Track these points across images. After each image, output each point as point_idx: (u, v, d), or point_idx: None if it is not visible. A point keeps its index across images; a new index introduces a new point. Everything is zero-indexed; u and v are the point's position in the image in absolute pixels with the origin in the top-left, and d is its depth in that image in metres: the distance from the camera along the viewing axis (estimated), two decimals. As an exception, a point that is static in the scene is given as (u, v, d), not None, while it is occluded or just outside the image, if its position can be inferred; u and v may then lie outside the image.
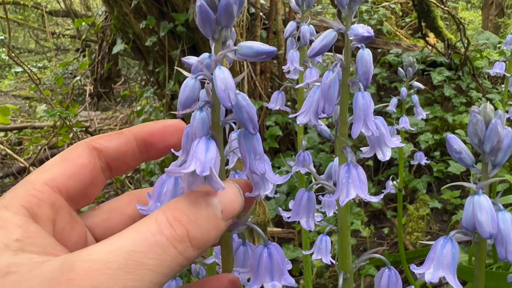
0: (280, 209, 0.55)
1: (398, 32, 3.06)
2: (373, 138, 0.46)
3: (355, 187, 0.43)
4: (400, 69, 1.33)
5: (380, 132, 0.45)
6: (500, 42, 2.76)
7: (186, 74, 0.35)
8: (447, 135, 0.43)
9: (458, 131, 2.17)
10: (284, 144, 2.41)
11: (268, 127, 2.21)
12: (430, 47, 2.57)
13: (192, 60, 0.55)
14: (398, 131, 1.32)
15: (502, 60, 1.42)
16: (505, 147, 0.41)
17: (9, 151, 2.63)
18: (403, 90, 1.31)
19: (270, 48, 0.35)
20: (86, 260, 0.28)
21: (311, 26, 0.90)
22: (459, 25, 2.33)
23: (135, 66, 4.23)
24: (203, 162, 0.31)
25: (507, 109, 1.48)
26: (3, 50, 6.04)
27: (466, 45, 2.31)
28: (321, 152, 2.25)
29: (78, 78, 3.02)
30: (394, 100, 1.34)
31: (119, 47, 2.55)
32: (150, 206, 0.38)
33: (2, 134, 3.46)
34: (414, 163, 1.48)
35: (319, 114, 0.44)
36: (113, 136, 0.40)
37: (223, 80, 0.32)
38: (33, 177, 0.35)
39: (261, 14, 2.35)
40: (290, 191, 1.99)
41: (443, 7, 2.30)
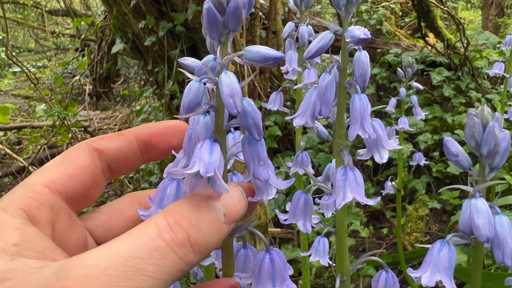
0: (277, 211, 0.55)
1: (397, 32, 3.06)
2: (370, 141, 0.46)
3: (351, 190, 0.42)
4: (399, 69, 1.32)
5: (377, 134, 0.45)
6: (499, 42, 2.76)
7: (190, 76, 0.34)
8: (444, 138, 0.43)
9: (457, 132, 2.17)
10: (283, 144, 2.41)
11: (267, 127, 2.21)
12: (430, 47, 2.57)
13: (188, 61, 0.55)
14: (397, 132, 1.32)
15: (501, 60, 1.42)
16: (502, 150, 0.41)
17: (8, 151, 2.63)
18: (402, 90, 1.30)
19: (278, 54, 0.34)
20: (83, 266, 0.28)
21: (310, 26, 0.90)
22: (458, 25, 2.33)
23: (134, 66, 4.22)
24: (207, 163, 0.31)
25: (506, 109, 1.48)
26: (2, 49, 6.03)
27: (465, 45, 2.31)
28: (320, 152, 2.25)
29: (78, 78, 3.02)
30: (393, 100, 1.34)
31: (118, 46, 2.55)
32: (151, 211, 0.37)
33: (1, 133, 3.46)
34: (413, 163, 1.48)
35: (315, 116, 0.44)
36: (113, 137, 0.40)
37: (229, 85, 0.32)
38: (32, 179, 0.35)
39: (260, 14, 2.35)
40: (289, 191, 1.99)
41: (442, 7, 2.30)
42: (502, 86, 1.47)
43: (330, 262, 0.69)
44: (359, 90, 0.43)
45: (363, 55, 0.42)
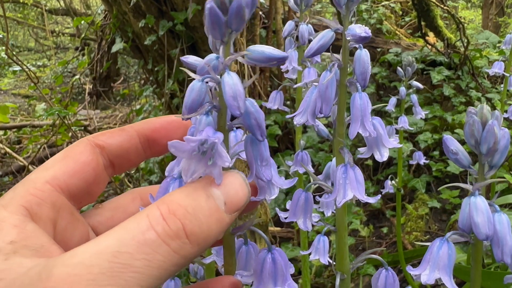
0: (277, 209, 0.55)
1: (397, 31, 3.06)
2: (370, 139, 0.46)
3: (352, 188, 0.42)
4: (399, 68, 1.33)
5: (378, 132, 0.45)
6: (499, 42, 2.76)
7: (192, 75, 0.34)
8: (444, 136, 0.43)
9: (457, 131, 2.17)
10: (283, 143, 2.41)
11: (267, 126, 2.21)
12: (430, 47, 2.57)
13: (191, 59, 0.55)
14: (397, 131, 1.32)
15: (501, 59, 1.42)
16: (501, 148, 0.41)
17: (8, 150, 2.63)
18: (402, 89, 1.30)
19: (281, 54, 0.33)
20: (67, 265, 0.26)
21: (310, 25, 0.90)
22: (458, 24, 2.33)
23: (135, 65, 4.22)
24: (211, 133, 0.30)
25: (506, 108, 1.48)
26: (2, 48, 6.03)
27: (465, 44, 2.31)
28: (320, 151, 2.25)
29: (78, 77, 3.02)
30: (393, 99, 1.34)
31: (118, 46, 2.55)
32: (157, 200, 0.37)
33: (1, 132, 3.46)
34: (413, 162, 1.48)
35: (316, 114, 0.44)
36: (115, 133, 0.39)
37: (232, 86, 0.31)
38: (34, 175, 0.35)
39: (260, 13, 2.35)
40: (289, 191, 1.99)
41: (442, 7, 2.30)
42: (502, 85, 1.48)
43: (330, 261, 0.70)
44: (360, 88, 0.43)
45: (363, 54, 0.42)
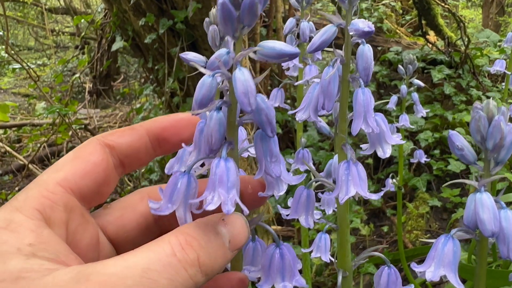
0: (279, 206, 0.54)
1: (398, 30, 3.05)
2: (373, 135, 0.45)
3: (354, 184, 0.42)
4: (400, 66, 1.32)
5: (381, 129, 0.44)
6: (500, 40, 2.75)
7: (202, 71, 0.33)
8: (449, 132, 0.43)
9: (458, 129, 2.16)
10: (284, 142, 2.41)
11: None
12: (430, 45, 2.57)
13: (190, 56, 0.54)
14: (398, 129, 1.32)
15: (503, 58, 1.42)
16: (508, 144, 0.41)
17: (8, 149, 2.63)
18: (403, 87, 1.30)
19: (293, 50, 0.33)
20: (102, 273, 0.28)
21: (311, 23, 0.89)
22: (459, 23, 2.32)
23: (135, 64, 4.22)
24: (226, 199, 0.32)
25: (508, 106, 1.47)
26: (2, 47, 6.03)
27: (466, 43, 2.30)
28: (320, 150, 2.24)
29: (78, 76, 3.01)
30: (394, 98, 1.33)
31: (118, 44, 2.54)
32: (162, 205, 0.37)
33: (1, 131, 3.45)
34: (413, 161, 1.48)
35: (318, 110, 0.44)
36: (125, 132, 0.39)
37: (243, 82, 0.31)
38: (45, 176, 0.35)
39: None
40: (289, 189, 1.99)
41: (443, 5, 2.29)
42: (503, 84, 1.47)
43: (332, 259, 0.69)
44: (363, 84, 0.42)
45: (366, 49, 0.41)
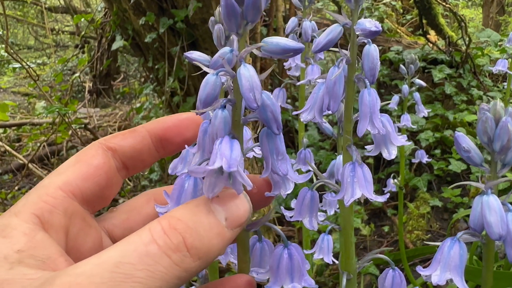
0: (282, 208, 0.54)
1: (398, 30, 3.05)
2: (378, 136, 0.45)
3: (360, 186, 0.42)
4: (402, 66, 1.32)
5: (386, 130, 0.44)
6: (501, 40, 2.75)
7: (206, 69, 0.33)
8: (455, 133, 0.42)
9: (459, 129, 2.16)
10: (284, 141, 2.40)
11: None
12: (431, 45, 2.56)
13: (195, 55, 0.54)
14: (399, 129, 1.31)
15: (505, 57, 1.41)
16: (515, 146, 0.40)
17: (8, 148, 2.62)
18: (405, 87, 1.30)
19: (298, 45, 0.33)
20: (69, 275, 0.27)
21: (313, 22, 0.89)
22: (460, 22, 2.32)
23: (135, 63, 4.21)
24: (229, 159, 0.30)
25: (510, 106, 1.47)
26: (2, 46, 6.02)
27: (467, 42, 2.30)
28: (321, 150, 2.24)
29: (77, 75, 3.01)
30: (396, 97, 1.33)
31: (118, 43, 2.53)
32: (169, 208, 0.36)
33: (1, 130, 3.44)
34: (415, 161, 1.47)
35: (324, 111, 0.43)
36: (127, 135, 0.39)
37: (248, 79, 0.31)
38: (47, 181, 0.35)
39: (261, 10, 2.33)
40: (290, 189, 1.98)
41: (444, 5, 2.29)
42: (504, 84, 1.47)
43: (335, 260, 0.69)
44: (368, 84, 0.42)
45: (372, 49, 0.41)
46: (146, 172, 2.49)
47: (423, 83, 1.32)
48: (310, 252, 0.73)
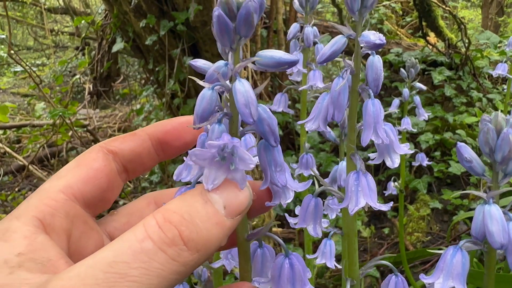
0: (286, 215, 0.54)
1: (398, 31, 3.06)
2: (382, 145, 0.46)
3: (364, 195, 0.42)
4: (402, 70, 1.32)
5: (389, 139, 0.44)
6: (500, 42, 2.76)
7: (202, 84, 0.33)
8: (457, 144, 0.43)
9: (458, 131, 2.17)
10: (284, 143, 2.41)
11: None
12: (431, 47, 2.57)
13: (200, 63, 0.54)
14: (399, 132, 1.32)
15: (505, 61, 1.42)
16: (516, 156, 0.41)
17: (8, 149, 2.62)
18: (405, 91, 1.30)
19: (292, 58, 0.33)
20: (62, 278, 0.26)
21: (315, 28, 0.90)
22: (460, 24, 2.33)
23: (135, 65, 4.22)
24: (231, 137, 0.30)
25: (509, 109, 1.48)
26: (2, 47, 6.01)
27: (467, 44, 2.31)
28: (321, 152, 2.25)
29: (78, 77, 3.01)
30: (396, 101, 1.34)
31: (118, 45, 2.54)
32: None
33: (1, 132, 3.45)
34: (415, 164, 1.48)
35: (328, 121, 0.44)
36: (127, 138, 0.39)
37: (244, 94, 0.31)
38: (48, 185, 0.35)
39: (261, 13, 2.34)
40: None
41: (444, 7, 2.30)
42: (504, 86, 1.48)
43: (337, 265, 0.69)
44: (372, 95, 0.43)
45: (376, 60, 0.42)
46: (147, 175, 2.49)
47: (424, 87, 1.33)
48: (312, 257, 0.74)
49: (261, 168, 0.36)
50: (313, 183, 0.62)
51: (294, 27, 0.93)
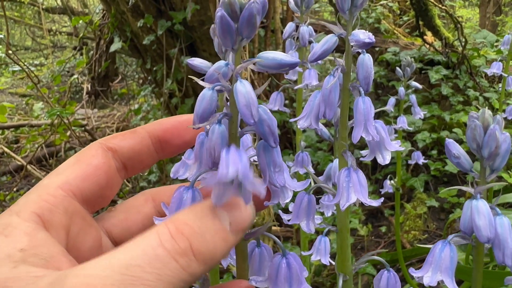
0: (280, 211, 0.55)
1: (396, 31, 3.06)
2: (373, 142, 0.46)
3: (355, 191, 0.43)
4: (398, 68, 1.33)
5: (380, 136, 0.45)
6: (497, 41, 2.77)
7: (202, 84, 0.33)
8: (446, 140, 0.44)
9: (455, 130, 2.18)
10: (282, 142, 2.42)
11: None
12: (428, 46, 2.58)
13: (196, 62, 0.54)
14: (396, 131, 1.33)
15: (500, 60, 1.43)
16: (503, 152, 0.42)
17: (6, 149, 2.63)
18: (401, 90, 1.31)
19: (293, 60, 0.33)
20: (79, 275, 0.27)
21: (310, 27, 0.90)
22: (456, 24, 2.34)
23: (133, 64, 4.22)
24: (242, 167, 0.30)
25: (504, 107, 1.49)
26: (0, 47, 6.00)
27: (463, 43, 2.32)
28: (318, 151, 2.26)
29: (76, 76, 3.02)
30: (392, 100, 1.34)
31: (116, 45, 2.54)
32: (166, 219, 0.37)
33: (-1, 132, 3.45)
34: (411, 162, 1.49)
35: (319, 118, 0.45)
36: (127, 135, 0.39)
37: (245, 95, 0.31)
38: (47, 181, 0.35)
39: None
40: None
41: (440, 6, 2.31)
42: (500, 85, 1.49)
43: (332, 261, 0.70)
44: (363, 92, 0.43)
45: (367, 58, 0.42)
46: (146, 173, 2.50)
47: (419, 86, 1.34)
48: (307, 254, 0.74)
49: (260, 168, 0.36)
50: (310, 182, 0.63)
51: (290, 26, 0.93)
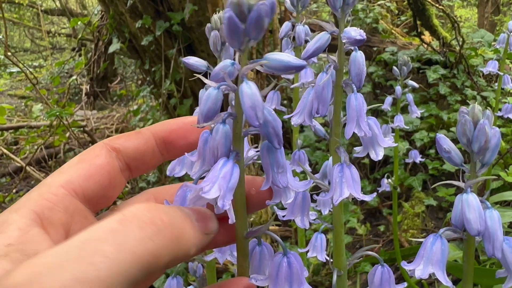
0: (275, 208, 0.56)
1: (393, 31, 3.07)
2: (366, 138, 0.47)
3: (348, 186, 0.44)
4: (394, 67, 1.34)
5: (373, 132, 0.46)
6: (495, 40, 2.78)
7: (208, 83, 0.33)
8: (437, 135, 0.45)
9: (453, 129, 2.19)
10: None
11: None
12: (426, 45, 2.59)
13: (192, 60, 0.55)
14: (393, 130, 1.34)
15: (495, 58, 1.44)
16: (492, 147, 0.43)
17: (5, 151, 2.63)
18: (398, 88, 1.32)
19: (300, 62, 0.33)
20: (33, 259, 0.25)
21: (306, 26, 0.91)
22: (454, 23, 2.35)
23: (132, 65, 4.22)
24: (224, 192, 0.31)
25: (500, 106, 1.50)
26: (-2, 49, 6.00)
27: (461, 43, 2.33)
28: (317, 150, 2.26)
29: (74, 78, 3.02)
30: (389, 98, 1.35)
31: (115, 46, 2.55)
32: None
33: (-2, 133, 3.45)
34: (409, 161, 1.50)
35: (313, 115, 0.45)
36: (131, 136, 0.39)
37: (251, 96, 0.31)
38: (49, 179, 0.35)
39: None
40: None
41: (438, 6, 2.32)
42: (497, 84, 1.49)
43: (328, 258, 0.71)
44: (355, 89, 0.44)
45: (359, 55, 0.43)
46: (150, 174, 2.50)
47: (416, 84, 1.34)
48: (304, 251, 0.75)
49: (263, 168, 0.36)
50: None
51: (286, 26, 0.94)
